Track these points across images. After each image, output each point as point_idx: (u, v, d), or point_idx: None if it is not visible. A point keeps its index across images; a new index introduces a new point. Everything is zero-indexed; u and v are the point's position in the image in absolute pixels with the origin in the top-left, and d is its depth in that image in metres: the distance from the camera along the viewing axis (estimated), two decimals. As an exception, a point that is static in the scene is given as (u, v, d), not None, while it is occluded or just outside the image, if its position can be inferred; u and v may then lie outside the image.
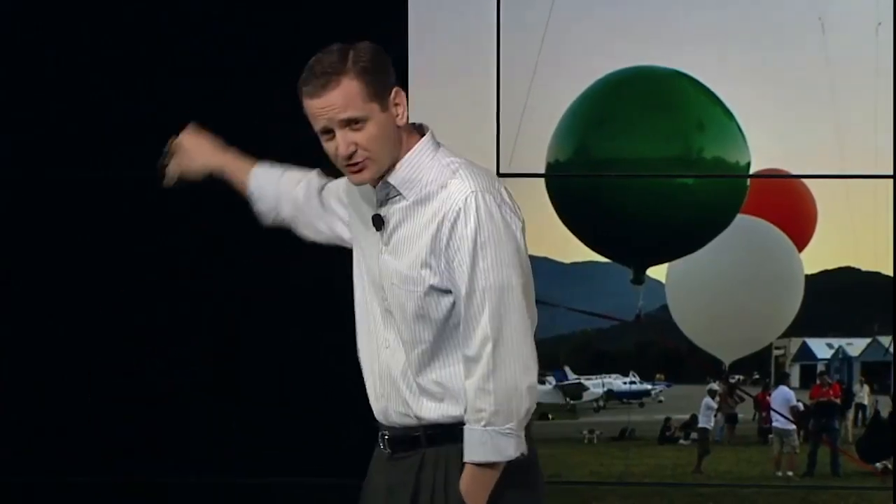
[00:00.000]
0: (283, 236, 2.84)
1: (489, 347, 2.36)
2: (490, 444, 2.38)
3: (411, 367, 2.45)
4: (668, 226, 10.82)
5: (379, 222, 2.48)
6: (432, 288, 2.41)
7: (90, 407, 5.66)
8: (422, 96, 6.12)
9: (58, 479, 5.65)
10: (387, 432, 2.52)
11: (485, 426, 2.37)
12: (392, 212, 2.47)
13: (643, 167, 10.74)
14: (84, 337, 5.69)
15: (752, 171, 11.96)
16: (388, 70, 2.44)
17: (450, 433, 2.45)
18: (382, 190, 2.47)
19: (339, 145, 2.41)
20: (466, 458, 2.40)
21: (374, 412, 2.55)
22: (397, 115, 2.44)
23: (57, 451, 5.66)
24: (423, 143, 2.47)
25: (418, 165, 2.46)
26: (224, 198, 3.06)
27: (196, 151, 2.85)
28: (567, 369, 36.74)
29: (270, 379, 5.68)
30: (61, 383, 5.71)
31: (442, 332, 2.44)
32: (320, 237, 2.81)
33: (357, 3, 5.54)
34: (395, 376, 2.47)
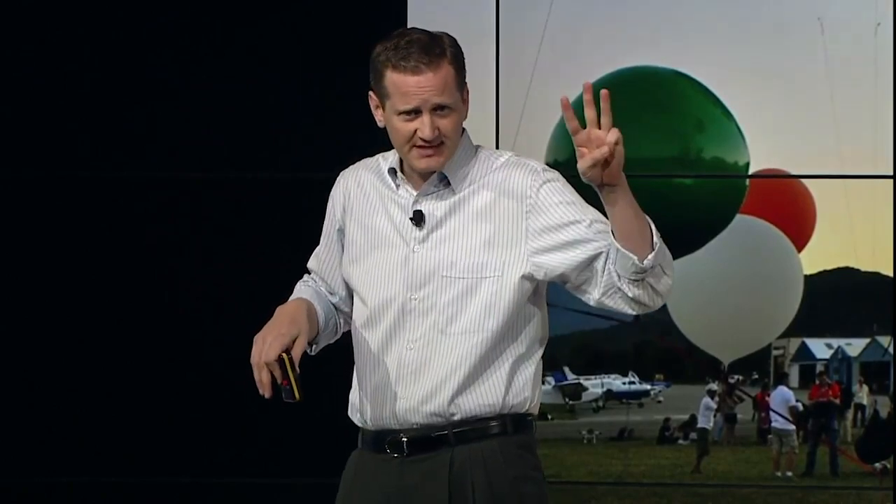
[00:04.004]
0: (281, 237, 2.83)
1: None
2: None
3: (460, 360, 2.40)
4: (667, 226, 10.79)
5: (420, 218, 2.45)
6: (513, 271, 2.41)
7: (89, 407, 5.66)
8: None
9: (58, 479, 5.65)
10: (402, 434, 2.43)
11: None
12: (435, 206, 2.45)
13: (642, 167, 10.73)
14: (84, 337, 5.69)
15: (750, 171, 11.97)
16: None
17: (482, 430, 2.41)
18: (433, 182, 2.46)
19: (424, 127, 2.39)
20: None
21: (381, 416, 2.46)
22: (464, 111, 2.48)
23: (57, 451, 5.66)
24: (468, 140, 2.51)
25: (467, 159, 2.48)
26: (224, 198, 3.08)
27: (304, 326, 2.55)
28: (566, 369, 36.73)
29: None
30: (60, 383, 5.70)
31: (508, 321, 2.42)
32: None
33: (357, 4, 5.54)
34: (424, 374, 2.41)
